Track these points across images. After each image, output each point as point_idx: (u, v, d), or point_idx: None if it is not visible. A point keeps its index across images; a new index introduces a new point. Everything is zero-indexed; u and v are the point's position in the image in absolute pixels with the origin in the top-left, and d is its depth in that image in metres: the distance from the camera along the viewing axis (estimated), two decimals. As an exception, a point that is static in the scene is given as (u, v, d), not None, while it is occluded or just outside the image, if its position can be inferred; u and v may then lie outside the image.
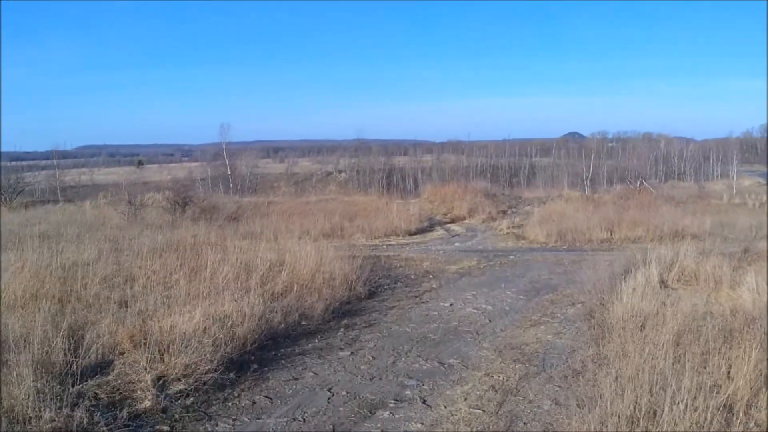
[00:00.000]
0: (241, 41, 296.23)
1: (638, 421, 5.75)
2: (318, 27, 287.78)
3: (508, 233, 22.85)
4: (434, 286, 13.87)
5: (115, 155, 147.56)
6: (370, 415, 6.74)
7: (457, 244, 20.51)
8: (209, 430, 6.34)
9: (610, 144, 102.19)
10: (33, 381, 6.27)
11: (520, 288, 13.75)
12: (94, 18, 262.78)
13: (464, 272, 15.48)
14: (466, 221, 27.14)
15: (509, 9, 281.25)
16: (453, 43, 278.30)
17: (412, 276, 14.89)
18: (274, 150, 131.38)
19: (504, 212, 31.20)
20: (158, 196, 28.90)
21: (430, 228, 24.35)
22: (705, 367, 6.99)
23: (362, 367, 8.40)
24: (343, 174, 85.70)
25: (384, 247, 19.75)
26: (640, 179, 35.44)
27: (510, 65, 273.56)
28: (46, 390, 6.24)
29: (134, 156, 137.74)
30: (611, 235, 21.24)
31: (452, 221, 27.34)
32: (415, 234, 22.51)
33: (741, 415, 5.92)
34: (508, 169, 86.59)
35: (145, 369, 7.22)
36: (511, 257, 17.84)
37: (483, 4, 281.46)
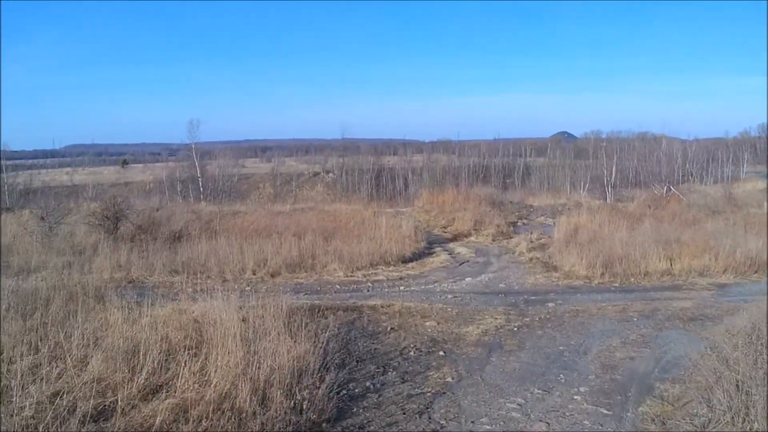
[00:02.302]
0: (229, 39, 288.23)
1: None
2: (307, 25, 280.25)
3: (532, 259, 17.09)
4: (449, 378, 8.08)
5: (102, 154, 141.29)
6: None
7: (468, 279, 14.71)
8: None
9: (603, 144, 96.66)
10: None
11: (592, 383, 8.00)
12: (81, 16, 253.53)
13: (491, 341, 9.71)
14: (472, 238, 21.38)
15: (497, 8, 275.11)
16: (440, 41, 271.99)
17: (412, 353, 9.08)
18: (262, 149, 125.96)
19: (514, 224, 25.54)
20: (91, 206, 22.75)
21: (429, 250, 18.54)
22: None
23: None
24: (330, 174, 79.82)
25: (369, 285, 13.91)
26: (667, 185, 29.82)
27: (496, 64, 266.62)
28: None
29: (121, 155, 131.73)
30: (671, 264, 15.57)
31: (455, 238, 21.59)
32: (410, 261, 16.71)
33: None
34: (502, 170, 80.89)
35: None
36: (551, 305, 12.11)
37: (471, 4, 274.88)
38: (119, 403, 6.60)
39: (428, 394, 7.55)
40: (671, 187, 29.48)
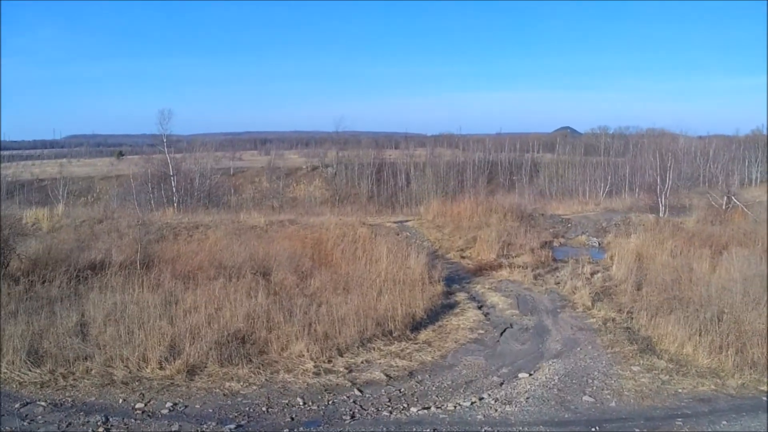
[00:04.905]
0: (233, 33, 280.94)
1: None
2: (311, 19, 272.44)
3: (606, 323, 10.98)
4: None
5: (101, 145, 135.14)
6: None
7: (523, 375, 8.62)
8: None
9: (609, 140, 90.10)
10: None
11: None
12: (84, 9, 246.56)
13: None
14: (504, 272, 15.23)
15: (496, 7, 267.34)
16: (441, 38, 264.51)
17: None
18: (261, 141, 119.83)
19: (549, 245, 19.43)
20: None
21: (448, 301, 12.42)
22: None
23: None
24: (329, 168, 73.47)
25: (355, 399, 7.79)
26: (728, 193, 23.69)
27: (495, 60, 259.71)
28: None
29: (121, 146, 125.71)
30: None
31: (479, 270, 15.50)
32: (423, 326, 10.64)
33: None
34: (508, 166, 74.55)
35: None
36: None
37: (467, 3, 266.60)
38: None
39: None
40: (732, 197, 23.37)
